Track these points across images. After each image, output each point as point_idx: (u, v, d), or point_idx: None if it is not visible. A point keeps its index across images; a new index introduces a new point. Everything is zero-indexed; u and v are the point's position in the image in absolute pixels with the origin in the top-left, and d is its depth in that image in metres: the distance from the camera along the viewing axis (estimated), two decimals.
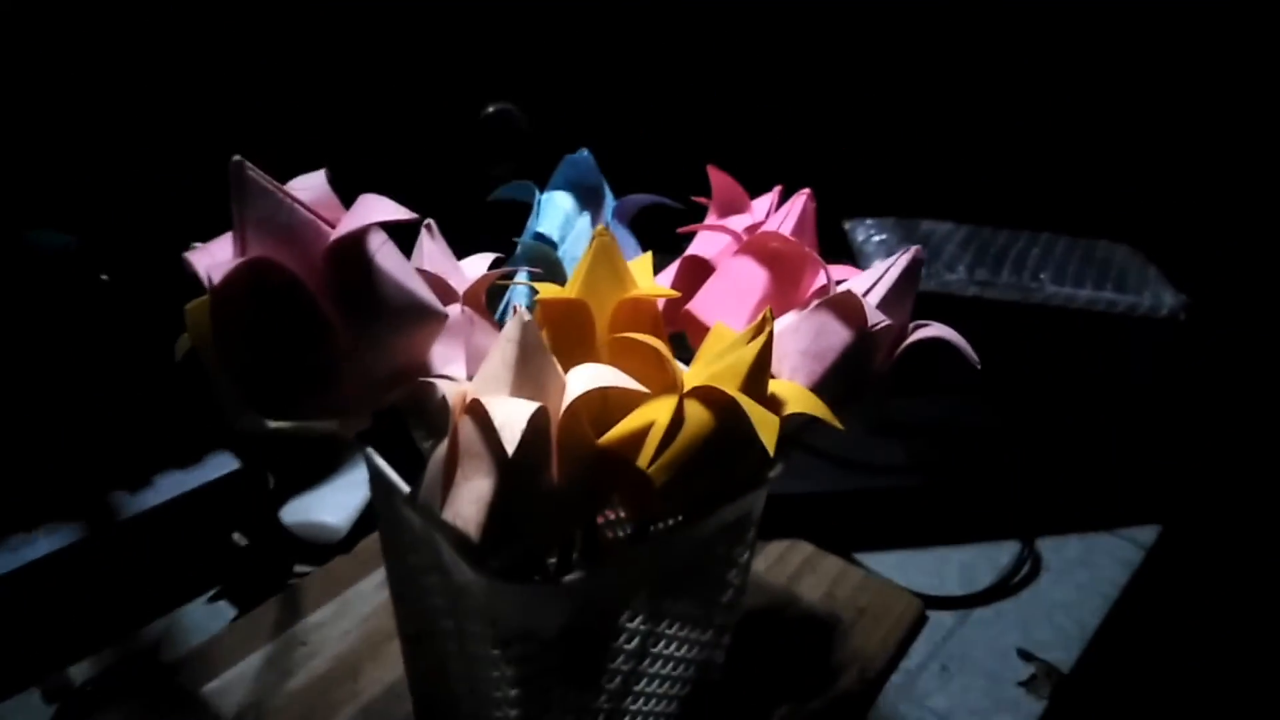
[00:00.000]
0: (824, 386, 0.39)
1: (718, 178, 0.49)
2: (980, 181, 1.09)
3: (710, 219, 0.50)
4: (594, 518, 0.46)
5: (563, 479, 0.33)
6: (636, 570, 0.39)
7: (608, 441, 0.35)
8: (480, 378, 0.33)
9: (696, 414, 0.35)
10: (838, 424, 0.36)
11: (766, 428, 0.33)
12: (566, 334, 0.40)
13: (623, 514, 0.51)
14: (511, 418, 0.30)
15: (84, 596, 0.63)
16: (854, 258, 0.98)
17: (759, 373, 0.35)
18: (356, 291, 0.33)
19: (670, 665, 0.45)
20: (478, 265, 0.44)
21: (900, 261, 0.40)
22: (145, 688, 0.58)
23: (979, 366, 0.38)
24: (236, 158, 0.31)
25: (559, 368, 0.34)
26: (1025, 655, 0.66)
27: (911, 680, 0.63)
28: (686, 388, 0.35)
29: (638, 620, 0.41)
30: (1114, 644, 0.69)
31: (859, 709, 0.60)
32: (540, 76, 0.94)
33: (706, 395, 0.35)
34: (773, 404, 0.37)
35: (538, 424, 0.31)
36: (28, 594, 0.60)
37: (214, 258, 0.33)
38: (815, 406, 0.37)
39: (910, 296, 0.40)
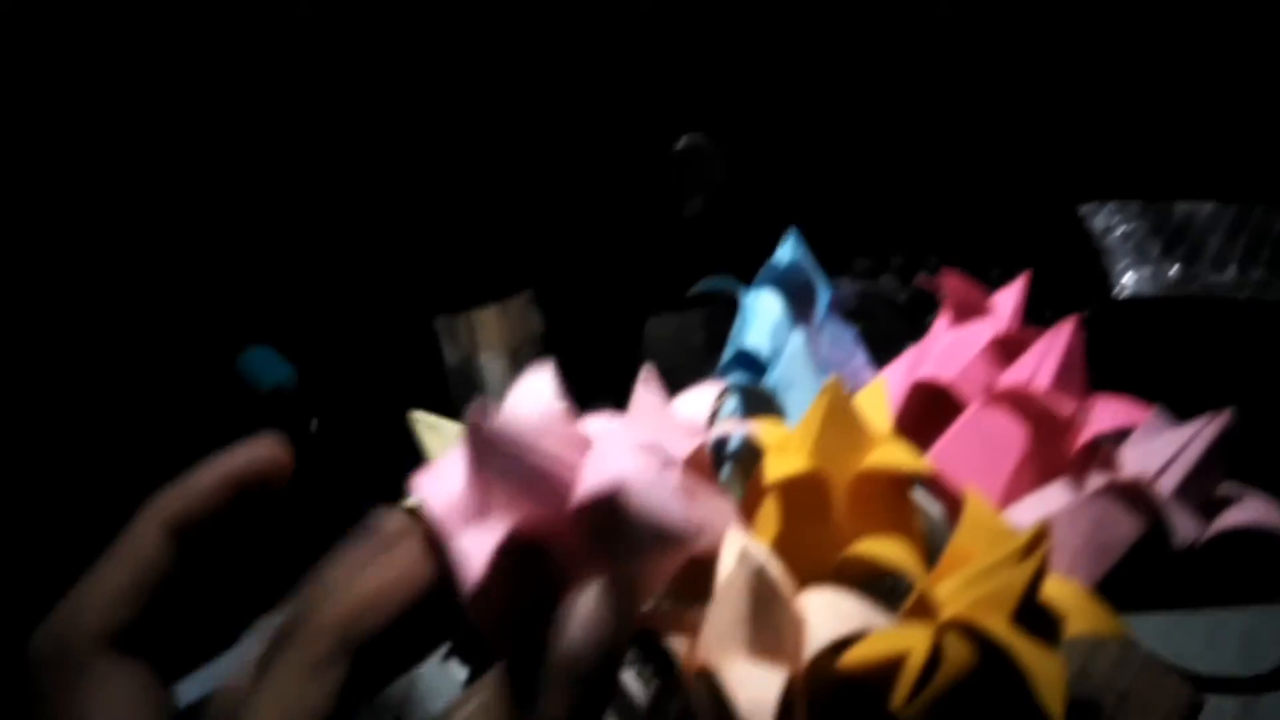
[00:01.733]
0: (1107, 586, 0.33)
1: (953, 282, 0.43)
2: (1246, 143, 0.93)
3: (943, 322, 0.45)
4: None
5: None
6: None
7: (850, 665, 0.32)
8: (709, 633, 0.30)
9: (957, 652, 0.30)
10: (1129, 637, 0.31)
11: (1048, 680, 0.29)
12: (800, 515, 0.36)
13: None
14: (756, 700, 0.27)
15: None
16: (1094, 250, 0.87)
17: (1033, 601, 0.30)
18: (605, 547, 0.29)
19: None
20: (698, 404, 0.40)
21: (1205, 434, 0.33)
22: None
23: None
24: (473, 420, 0.27)
25: (796, 610, 0.30)
26: None
27: None
28: (944, 612, 0.31)
29: None
30: None
31: None
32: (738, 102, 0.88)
33: (970, 628, 0.30)
34: (1047, 624, 0.31)
35: (786, 700, 0.28)
36: None
37: (441, 487, 0.30)
38: (1103, 622, 0.32)
39: (1219, 472, 0.34)
